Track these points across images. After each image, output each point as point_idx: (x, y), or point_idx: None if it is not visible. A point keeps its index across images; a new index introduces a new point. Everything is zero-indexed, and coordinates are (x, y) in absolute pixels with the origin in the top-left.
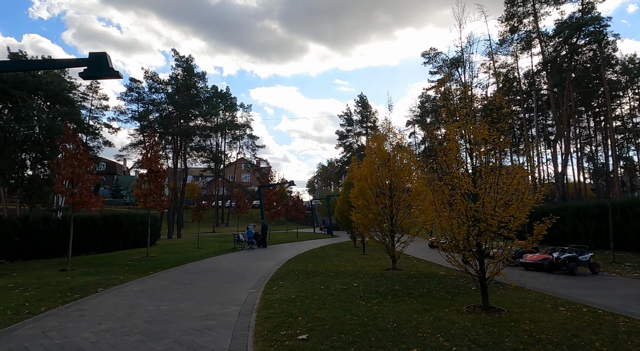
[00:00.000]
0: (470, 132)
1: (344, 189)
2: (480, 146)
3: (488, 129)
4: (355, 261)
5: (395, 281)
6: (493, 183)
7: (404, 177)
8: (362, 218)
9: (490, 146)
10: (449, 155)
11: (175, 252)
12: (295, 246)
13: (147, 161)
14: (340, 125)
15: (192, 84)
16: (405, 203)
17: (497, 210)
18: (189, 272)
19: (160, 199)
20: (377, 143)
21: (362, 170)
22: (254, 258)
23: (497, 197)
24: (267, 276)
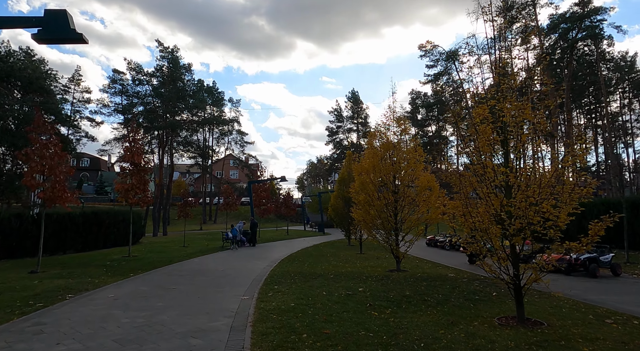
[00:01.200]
0: (513, 110)
1: (338, 185)
2: (522, 128)
3: (531, 108)
4: (354, 261)
5: (404, 285)
6: (532, 175)
7: (409, 170)
8: (363, 215)
9: (533, 129)
10: (480, 140)
11: (159, 251)
12: (286, 245)
13: (129, 154)
14: (330, 121)
15: (178, 77)
16: (409, 199)
17: (544, 205)
18: (173, 274)
19: (143, 194)
20: (379, 133)
21: (364, 163)
22: (244, 258)
23: (538, 190)
24: (260, 279)
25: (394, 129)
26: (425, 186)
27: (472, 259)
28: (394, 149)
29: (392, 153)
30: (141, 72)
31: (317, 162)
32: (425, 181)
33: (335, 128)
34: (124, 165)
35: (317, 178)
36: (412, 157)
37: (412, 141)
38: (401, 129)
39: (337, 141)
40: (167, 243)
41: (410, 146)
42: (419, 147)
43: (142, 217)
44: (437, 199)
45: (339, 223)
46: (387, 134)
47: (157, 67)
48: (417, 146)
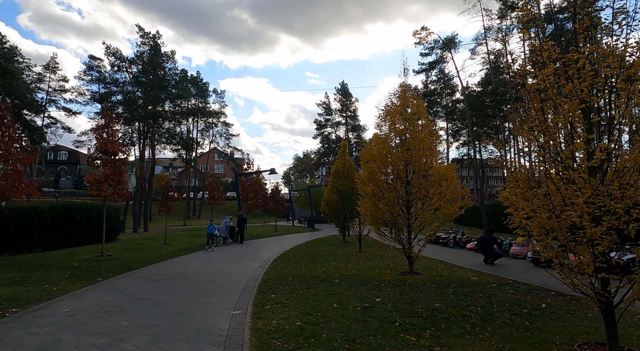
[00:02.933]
0: None
1: (332, 178)
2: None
3: None
4: (356, 261)
5: (427, 293)
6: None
7: (424, 158)
8: (372, 209)
9: None
10: (568, 104)
11: (137, 249)
12: (276, 242)
13: (102, 140)
14: (319, 114)
15: (160, 65)
16: (424, 191)
17: None
18: (150, 279)
19: (119, 187)
20: (391, 115)
21: (372, 149)
22: (231, 258)
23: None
24: (252, 285)
25: (406, 111)
26: (442, 176)
27: (487, 259)
28: (407, 133)
29: (405, 139)
30: (120, 58)
31: (303, 157)
32: (443, 170)
33: (324, 121)
34: (96, 154)
35: (304, 172)
36: (428, 144)
37: (427, 125)
38: (416, 111)
39: (325, 134)
40: (147, 240)
41: (424, 130)
42: (435, 132)
43: (119, 212)
44: (456, 192)
45: (334, 218)
46: (398, 116)
47: (137, 54)
48: (433, 130)
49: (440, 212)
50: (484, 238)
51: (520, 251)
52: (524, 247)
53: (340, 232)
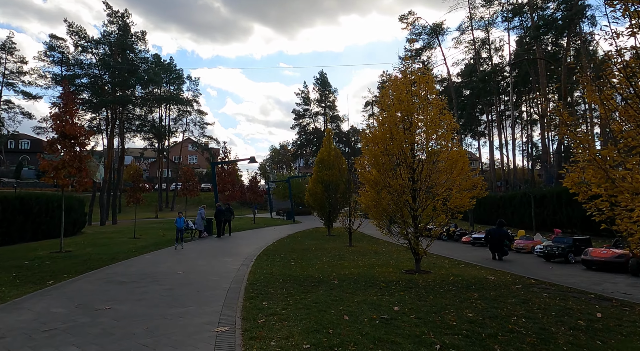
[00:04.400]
0: None
1: (317, 167)
2: None
3: None
4: (350, 257)
5: (449, 298)
6: None
7: (431, 139)
8: (375, 199)
9: None
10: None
11: (102, 244)
12: (256, 235)
13: (59, 122)
14: (297, 104)
15: (129, 46)
16: (435, 177)
17: None
18: (113, 281)
19: (79, 175)
20: (396, 91)
21: (376, 131)
22: (209, 254)
23: None
24: (238, 288)
25: (412, 88)
26: (454, 162)
27: (496, 255)
28: (414, 112)
29: (413, 118)
30: (85, 38)
31: (280, 149)
32: (455, 155)
33: (302, 111)
34: (52, 137)
35: (280, 164)
36: (438, 124)
37: (437, 103)
38: (425, 86)
39: (303, 124)
40: (115, 234)
41: (435, 108)
42: (448, 113)
43: (84, 203)
44: (468, 180)
45: (318, 210)
46: (404, 92)
47: (104, 34)
48: (444, 109)
49: (450, 203)
50: (494, 231)
51: (525, 245)
52: (528, 240)
53: (325, 224)
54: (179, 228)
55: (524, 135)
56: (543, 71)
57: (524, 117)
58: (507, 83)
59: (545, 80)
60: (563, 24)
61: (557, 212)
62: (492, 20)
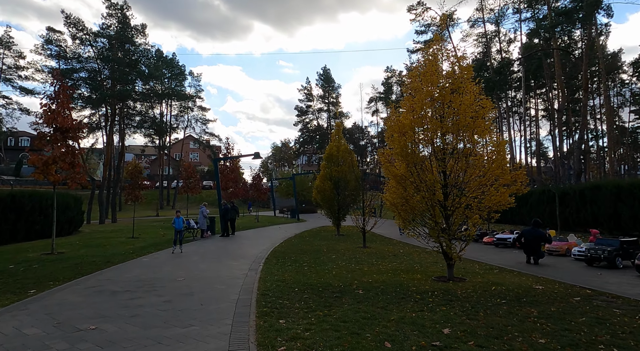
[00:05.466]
0: None
1: (324, 163)
2: None
3: None
4: (367, 260)
5: (503, 315)
6: None
7: (468, 129)
8: (405, 196)
9: None
10: None
11: (98, 245)
12: (261, 234)
13: (50, 113)
14: (300, 100)
15: (129, 39)
16: (470, 172)
17: None
18: (104, 290)
19: (72, 170)
20: (428, 73)
21: (404, 117)
22: (212, 256)
23: None
24: (247, 300)
25: (446, 68)
26: (494, 153)
27: (531, 259)
28: (447, 98)
29: (448, 104)
30: (83, 30)
31: (281, 146)
32: (495, 146)
33: (305, 108)
34: (43, 130)
35: (282, 162)
36: (474, 112)
37: (473, 89)
38: (460, 68)
39: (306, 121)
40: (113, 233)
41: (470, 94)
42: (485, 98)
43: (81, 201)
44: (507, 174)
45: (327, 208)
46: (435, 75)
47: (103, 26)
48: (482, 96)
49: (487, 201)
50: (529, 232)
51: (559, 247)
52: (562, 242)
53: (334, 223)
54: (178, 229)
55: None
56: (559, 63)
57: (531, 113)
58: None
59: (561, 72)
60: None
61: (580, 210)
62: (503, 13)
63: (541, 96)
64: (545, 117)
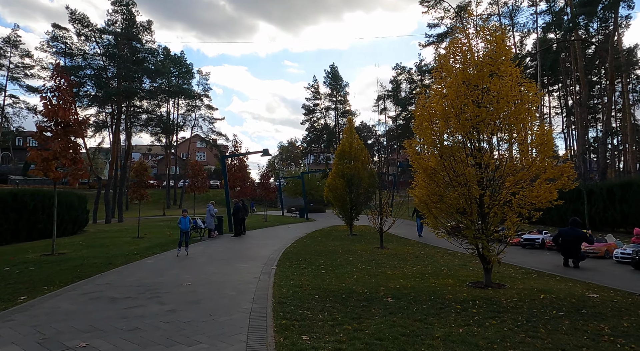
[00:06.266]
0: None
1: (337, 160)
2: None
3: None
4: (389, 262)
5: (572, 333)
6: None
7: (509, 116)
8: (439, 192)
9: None
10: None
11: (102, 245)
12: (271, 234)
13: (50, 106)
14: (307, 99)
15: (134, 36)
16: (508, 165)
17: None
18: (102, 297)
19: (74, 167)
20: (463, 54)
21: (434, 103)
22: (221, 257)
23: None
24: (263, 311)
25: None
26: (539, 145)
27: (570, 261)
28: (485, 81)
29: (486, 89)
30: (88, 26)
31: (288, 145)
32: (539, 137)
33: (313, 106)
34: (43, 124)
35: (289, 161)
36: (515, 96)
37: (513, 72)
38: (497, 49)
39: (313, 120)
40: (118, 232)
41: (513, 78)
42: (528, 83)
43: (86, 200)
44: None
45: (339, 207)
46: (472, 55)
47: (108, 23)
48: (524, 79)
49: (529, 197)
50: (568, 232)
51: (598, 249)
52: (601, 243)
53: (347, 223)
54: (184, 230)
55: None
56: (580, 55)
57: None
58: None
59: (582, 65)
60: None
61: (608, 209)
62: (517, 6)
63: (554, 92)
64: (559, 114)
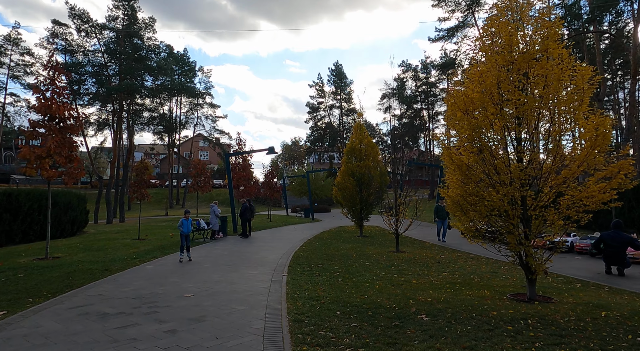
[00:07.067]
0: None
1: (346, 158)
2: None
3: None
4: (410, 269)
5: None
6: None
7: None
8: (478, 193)
9: None
10: None
11: (100, 248)
12: (277, 236)
13: (44, 101)
14: (311, 97)
15: (136, 32)
16: (556, 161)
17: None
18: (91, 312)
19: (69, 165)
20: (504, 33)
21: (470, 91)
22: (226, 262)
23: None
24: (277, 331)
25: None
26: (594, 137)
27: (613, 268)
28: (531, 64)
29: (531, 72)
30: (88, 22)
31: (291, 145)
32: (592, 128)
33: (317, 104)
34: (36, 119)
35: (292, 160)
36: (565, 81)
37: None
38: (541, 28)
39: (318, 118)
40: (119, 234)
41: (556, 60)
42: (579, 65)
43: (85, 200)
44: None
45: (349, 207)
46: (514, 35)
47: (109, 19)
48: (575, 61)
49: (581, 196)
50: (612, 237)
51: (637, 254)
52: None
53: (357, 224)
54: (185, 233)
55: None
56: (599, 48)
57: None
58: None
59: (601, 59)
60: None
61: (633, 209)
62: None
63: None
64: None
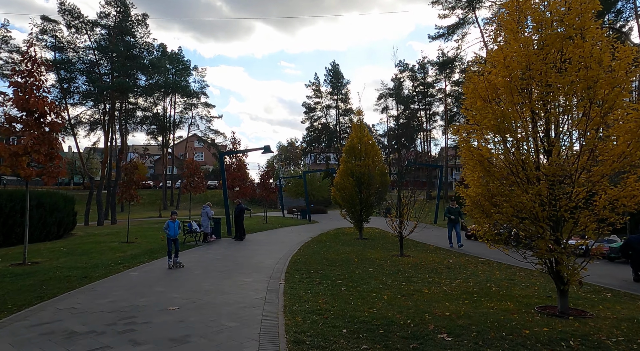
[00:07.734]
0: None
1: (345, 157)
2: None
3: None
4: (418, 275)
5: None
6: None
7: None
8: (504, 192)
9: None
10: None
11: (84, 252)
12: (274, 238)
13: (21, 94)
14: (307, 97)
15: (129, 30)
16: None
17: None
18: (56, 329)
19: (49, 164)
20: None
21: (492, 76)
22: (218, 269)
23: None
24: None
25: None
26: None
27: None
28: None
29: (566, 53)
30: (79, 17)
31: (287, 146)
32: (633, 120)
33: (313, 105)
34: (12, 114)
35: (288, 161)
36: (605, 63)
37: (597, 33)
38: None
39: (314, 118)
40: (107, 236)
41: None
42: (620, 45)
43: (72, 201)
44: None
45: (348, 208)
46: (546, 13)
47: (100, 15)
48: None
49: (619, 196)
50: (639, 241)
51: None
52: None
53: (357, 226)
54: (172, 237)
55: None
56: None
57: None
58: None
59: None
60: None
61: None
62: None
63: None
64: None
